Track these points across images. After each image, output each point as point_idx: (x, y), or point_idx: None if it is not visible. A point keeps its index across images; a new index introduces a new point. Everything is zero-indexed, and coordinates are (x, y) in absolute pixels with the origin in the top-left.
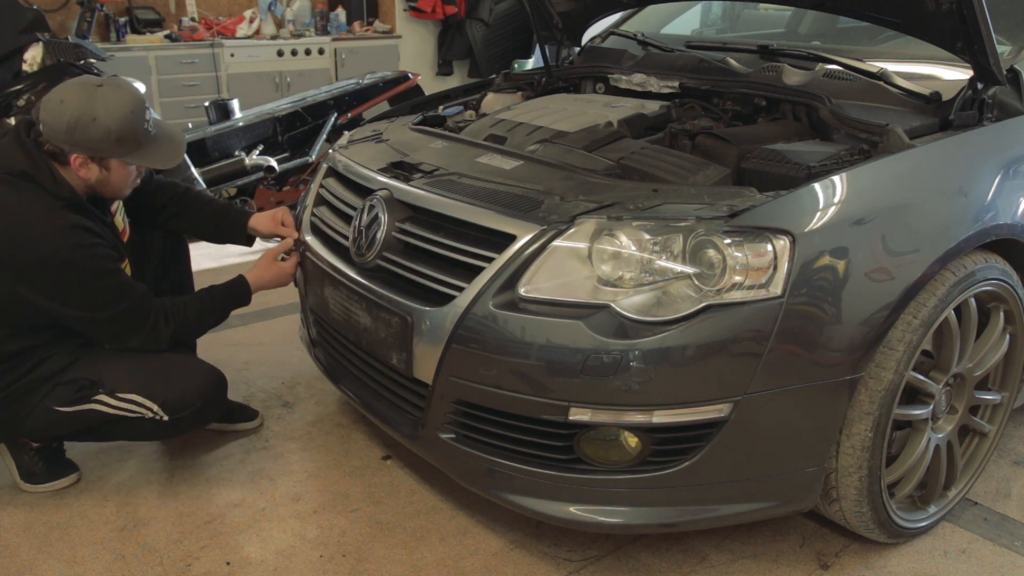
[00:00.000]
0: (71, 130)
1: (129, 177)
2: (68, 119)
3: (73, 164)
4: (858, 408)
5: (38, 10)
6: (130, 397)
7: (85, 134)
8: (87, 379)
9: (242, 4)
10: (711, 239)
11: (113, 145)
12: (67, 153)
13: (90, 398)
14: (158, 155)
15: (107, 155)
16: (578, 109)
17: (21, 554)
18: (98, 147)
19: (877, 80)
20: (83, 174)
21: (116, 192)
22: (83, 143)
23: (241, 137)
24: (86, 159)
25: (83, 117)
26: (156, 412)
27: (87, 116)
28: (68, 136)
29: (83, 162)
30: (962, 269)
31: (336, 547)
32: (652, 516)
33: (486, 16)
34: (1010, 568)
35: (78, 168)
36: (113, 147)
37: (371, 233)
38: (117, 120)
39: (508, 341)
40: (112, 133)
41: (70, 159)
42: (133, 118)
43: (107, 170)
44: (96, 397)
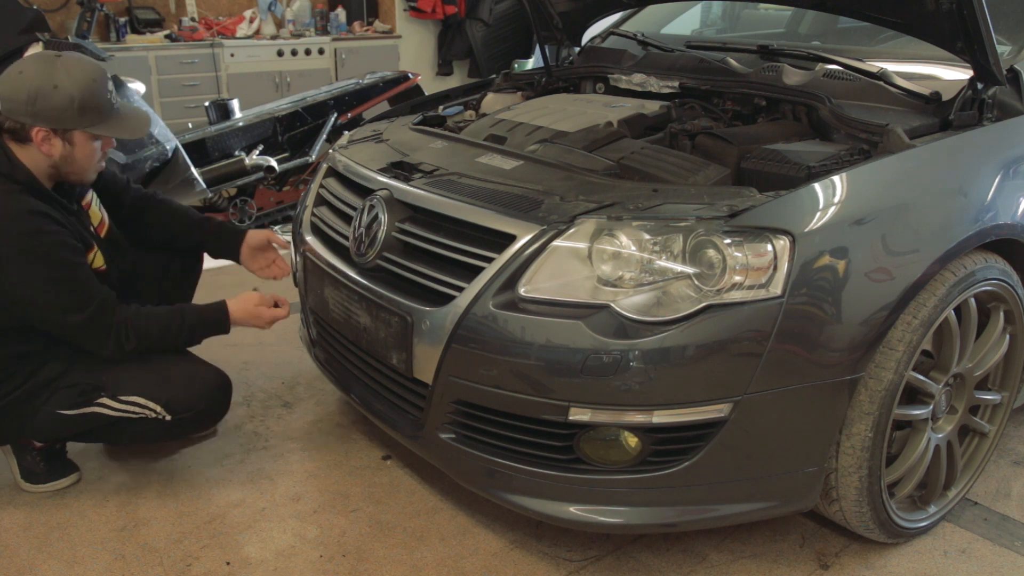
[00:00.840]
0: (32, 100)
1: (95, 155)
2: (28, 89)
3: (36, 139)
4: (858, 408)
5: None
6: (132, 399)
7: (47, 102)
8: (88, 383)
9: (242, 4)
10: (711, 239)
11: (76, 114)
12: (28, 128)
13: (92, 401)
14: (123, 126)
15: (70, 125)
16: (578, 109)
17: (21, 554)
18: (61, 116)
19: (877, 80)
20: (45, 150)
21: (81, 173)
22: (45, 112)
23: (241, 137)
24: (49, 132)
25: (44, 85)
26: (159, 412)
27: (48, 84)
28: (29, 107)
29: (46, 135)
30: (962, 269)
31: (336, 547)
32: (652, 516)
33: (486, 16)
34: (1010, 568)
35: (40, 143)
36: (76, 116)
37: (371, 233)
38: (79, 87)
39: (508, 341)
40: (75, 100)
41: (32, 133)
42: (95, 86)
43: (71, 144)
44: (98, 400)
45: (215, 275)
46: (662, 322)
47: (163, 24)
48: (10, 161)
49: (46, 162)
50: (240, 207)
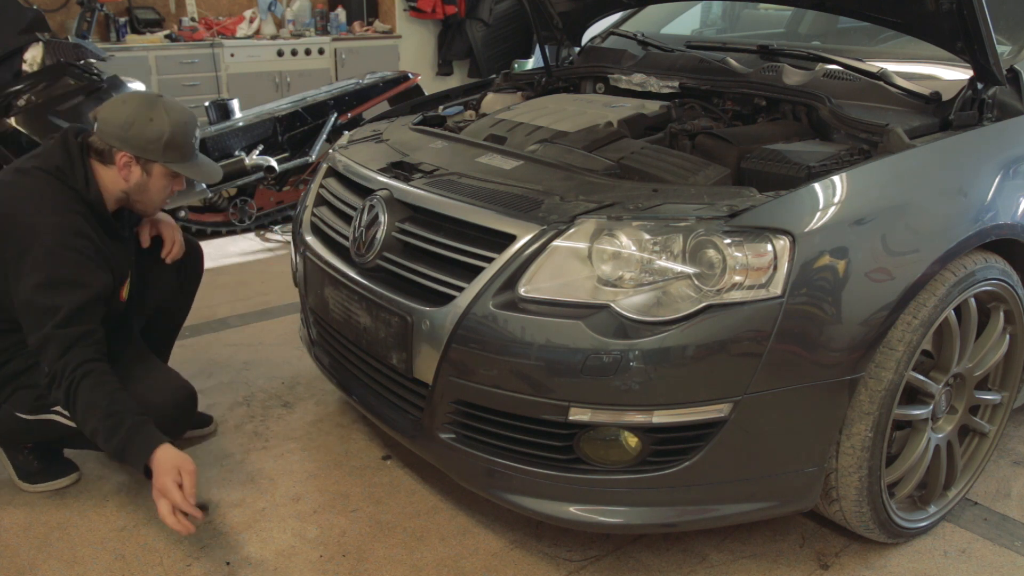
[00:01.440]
0: (127, 126)
1: (165, 191)
2: (126, 116)
3: (118, 162)
4: (858, 408)
5: (38, 10)
6: None
7: (139, 132)
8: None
9: (242, 4)
10: (711, 239)
11: (162, 149)
12: (115, 151)
13: (48, 408)
14: (199, 171)
15: (153, 157)
16: (578, 109)
17: (21, 554)
18: (147, 147)
19: (877, 80)
20: (124, 175)
21: (148, 204)
22: (135, 140)
23: (241, 137)
24: (132, 159)
25: (141, 116)
26: None
27: (145, 116)
28: (122, 132)
29: (128, 161)
30: (962, 269)
31: (336, 547)
32: (652, 516)
33: (486, 16)
34: (1010, 568)
35: (121, 167)
36: (162, 151)
37: (371, 233)
38: (172, 126)
39: (508, 341)
40: (164, 136)
41: (117, 157)
42: (186, 129)
43: (148, 175)
44: (54, 408)
45: (215, 275)
46: (662, 322)
47: (163, 24)
48: (87, 181)
49: (120, 187)
50: (240, 207)
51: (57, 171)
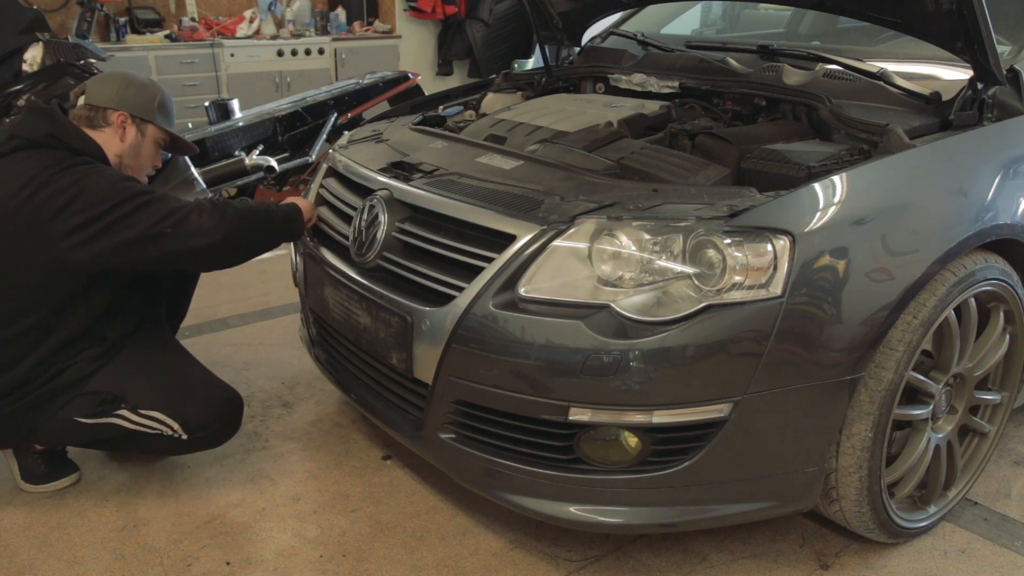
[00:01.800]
0: (123, 88)
1: (154, 156)
2: (119, 83)
3: (115, 122)
4: (858, 408)
5: (38, 10)
6: (152, 414)
7: (136, 93)
8: (110, 393)
9: (242, 4)
10: (711, 239)
11: (156, 108)
12: (109, 113)
13: (111, 412)
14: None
15: (149, 117)
16: (578, 109)
17: (21, 554)
18: (144, 107)
19: (877, 80)
20: (120, 134)
21: (138, 170)
22: (131, 99)
23: (241, 137)
24: (128, 117)
25: (133, 82)
26: (176, 431)
27: (136, 81)
28: (118, 94)
29: (124, 120)
30: (962, 269)
31: (336, 547)
32: (652, 516)
33: (486, 16)
34: (1010, 568)
35: (118, 127)
36: (155, 110)
37: (371, 233)
38: (162, 91)
39: (508, 341)
40: (156, 97)
41: (113, 117)
42: (169, 98)
43: (142, 135)
44: (117, 412)
45: (215, 275)
46: (662, 322)
47: (163, 24)
48: (82, 138)
49: (112, 151)
50: None
51: (49, 138)
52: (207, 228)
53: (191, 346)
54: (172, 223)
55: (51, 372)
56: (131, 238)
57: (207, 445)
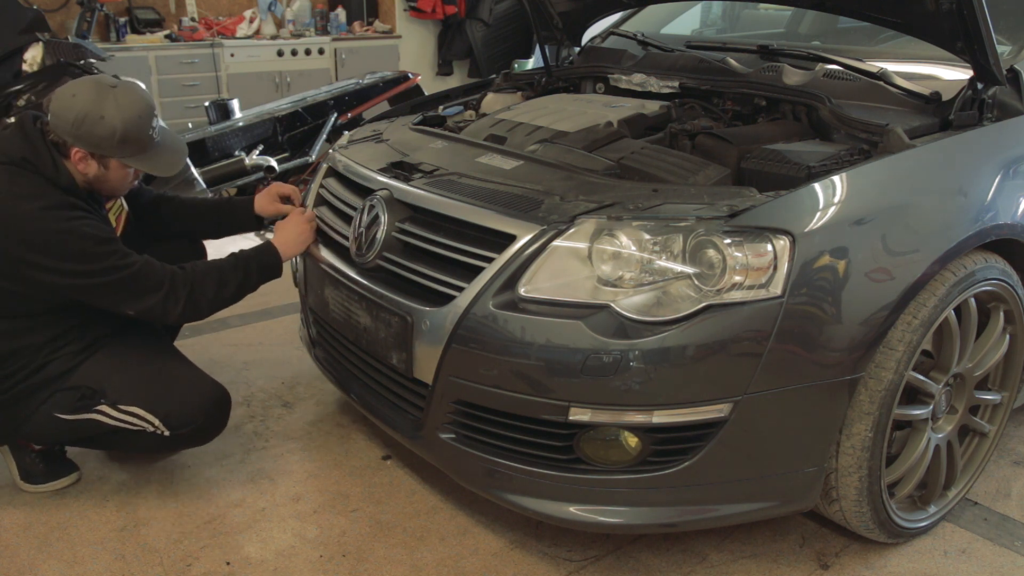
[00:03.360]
0: (78, 124)
1: (127, 179)
2: (76, 113)
3: (73, 157)
4: (858, 408)
5: (38, 10)
6: (132, 410)
7: (90, 130)
8: (89, 388)
9: (242, 4)
10: (711, 239)
11: (116, 145)
12: (69, 146)
13: (91, 408)
14: (159, 162)
15: (109, 154)
16: (578, 109)
17: (21, 554)
18: (101, 145)
19: (877, 80)
20: (82, 168)
21: (112, 191)
22: (87, 138)
23: (241, 137)
24: (86, 154)
25: (91, 113)
26: (157, 427)
27: (95, 113)
28: (73, 129)
29: (83, 156)
30: (962, 269)
31: (336, 547)
32: (652, 516)
33: (486, 16)
34: (1010, 568)
35: (77, 162)
36: (116, 147)
37: (371, 233)
38: (124, 122)
39: (508, 341)
40: (116, 133)
41: (71, 152)
42: (140, 122)
43: (106, 168)
44: (97, 407)
45: None
46: (662, 322)
47: (163, 24)
48: (55, 167)
49: (79, 176)
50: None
51: (23, 162)
52: (173, 314)
53: (191, 346)
54: (137, 308)
55: (32, 366)
56: (94, 301)
57: (192, 442)
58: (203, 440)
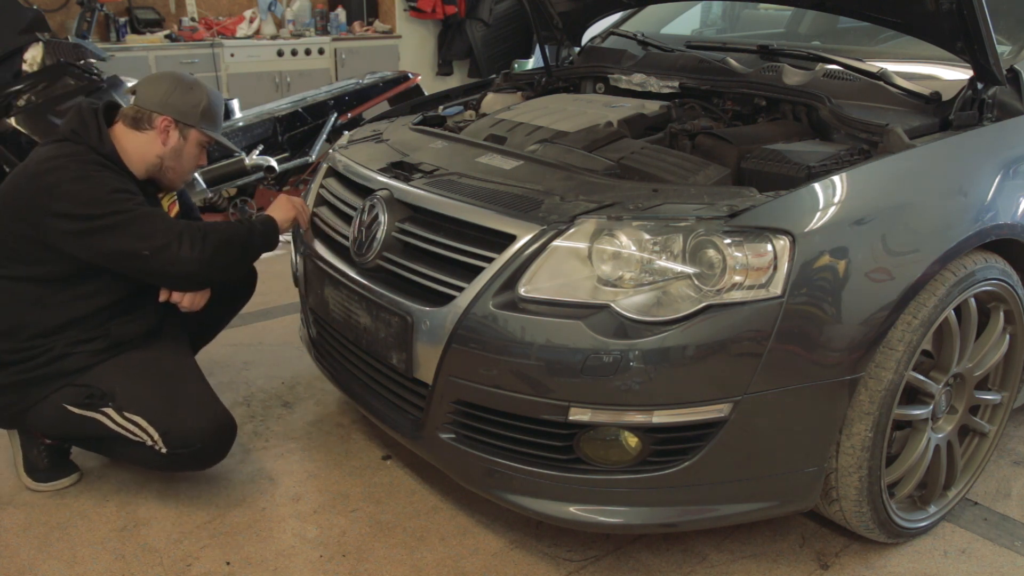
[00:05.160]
0: (169, 93)
1: (196, 160)
2: (167, 86)
3: (158, 126)
4: (858, 408)
5: (38, 10)
6: (135, 419)
7: (182, 97)
8: (100, 389)
9: (242, 4)
10: (711, 239)
11: (200, 114)
12: (155, 116)
13: (98, 407)
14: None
15: (192, 122)
16: (578, 109)
17: (21, 554)
18: (188, 112)
19: (877, 80)
20: (163, 138)
21: (179, 174)
22: (177, 105)
23: (241, 137)
24: (171, 122)
25: (181, 86)
26: (156, 441)
27: (185, 85)
28: (165, 98)
29: (168, 124)
30: (962, 269)
31: (336, 547)
32: (652, 516)
33: (486, 16)
34: (1010, 568)
35: (161, 131)
36: (200, 116)
37: (371, 233)
38: (209, 96)
39: (508, 341)
40: (202, 103)
41: (157, 121)
42: (219, 100)
43: (185, 140)
44: (103, 408)
45: None
46: (662, 322)
47: (163, 24)
48: (100, 136)
49: (155, 151)
50: (240, 207)
51: (72, 133)
52: (186, 258)
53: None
54: (152, 247)
55: (50, 354)
56: (110, 250)
57: (188, 465)
58: (200, 465)
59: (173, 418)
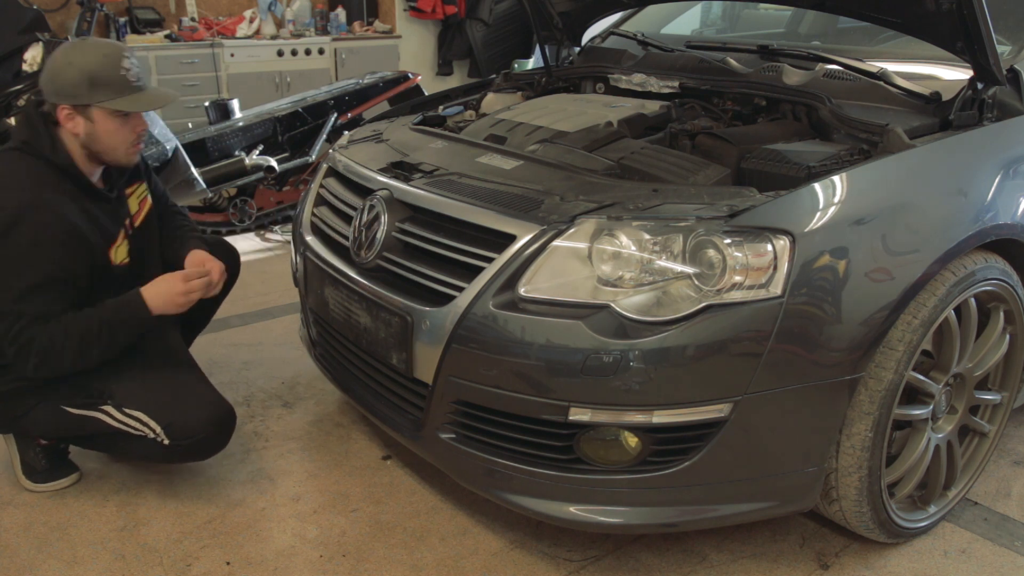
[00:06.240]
0: (52, 78)
1: (119, 133)
2: (50, 68)
3: (60, 118)
4: (858, 408)
5: (38, 10)
6: (136, 414)
7: (63, 78)
8: (96, 388)
9: (242, 4)
10: (711, 239)
11: (87, 89)
12: (57, 109)
13: (97, 406)
14: (138, 100)
15: (84, 100)
16: (578, 109)
17: (21, 554)
18: (75, 91)
19: (877, 80)
20: (70, 127)
21: (112, 152)
22: (62, 90)
23: (241, 137)
24: (71, 110)
25: (60, 63)
26: (158, 434)
27: (63, 61)
28: (51, 85)
29: (68, 113)
30: (962, 269)
31: (336, 547)
32: (652, 516)
33: (486, 16)
34: (1010, 568)
35: (65, 121)
36: (88, 91)
37: (371, 233)
38: (90, 63)
39: (508, 341)
40: (85, 75)
41: (58, 113)
42: (106, 61)
43: (91, 121)
44: (103, 407)
45: None
46: (662, 322)
47: (163, 24)
48: (53, 145)
49: (76, 143)
50: (240, 207)
51: (24, 145)
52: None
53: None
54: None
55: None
56: None
57: (191, 456)
58: (202, 455)
59: (174, 410)
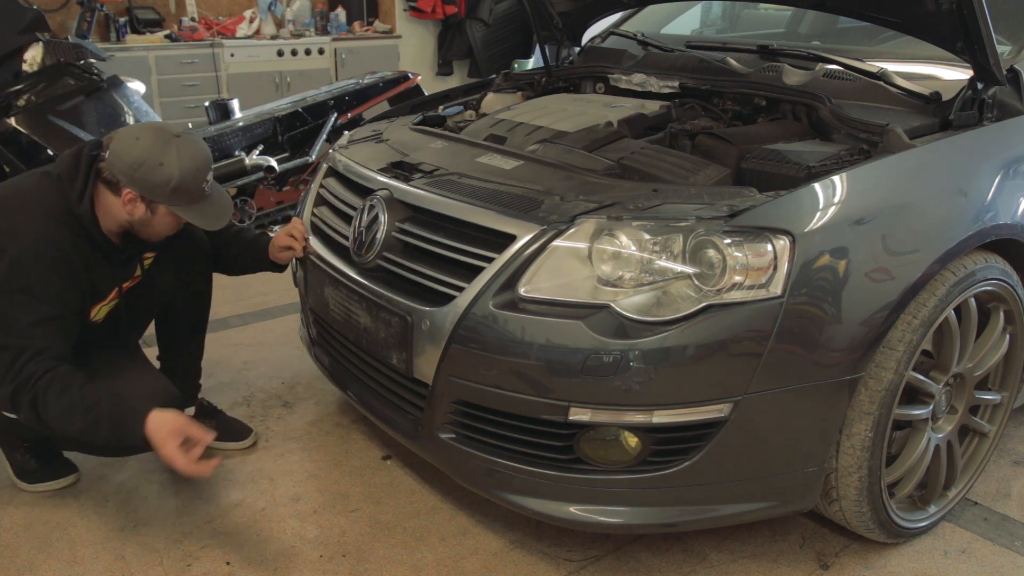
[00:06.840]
0: (136, 167)
1: (170, 227)
2: (136, 156)
3: (124, 198)
4: (858, 408)
5: (38, 10)
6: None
7: (147, 175)
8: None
9: (242, 4)
10: (711, 239)
11: (168, 194)
12: (122, 186)
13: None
14: (206, 215)
15: (160, 200)
16: (578, 109)
17: (21, 554)
18: (154, 191)
19: (877, 80)
20: (129, 210)
21: (155, 236)
22: (142, 182)
23: (241, 137)
24: (137, 196)
25: (151, 159)
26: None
27: (155, 159)
28: (130, 171)
29: (133, 198)
30: (962, 269)
31: (336, 547)
32: (652, 516)
33: (486, 16)
34: (1010, 568)
35: (127, 203)
36: (168, 195)
37: (371, 233)
38: (182, 172)
39: (508, 341)
40: (172, 182)
41: (122, 192)
42: (196, 175)
43: (153, 213)
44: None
45: (215, 275)
46: (662, 322)
47: (163, 24)
48: (81, 195)
49: (123, 216)
50: (240, 207)
51: (59, 178)
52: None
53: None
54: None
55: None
56: None
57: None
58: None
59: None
